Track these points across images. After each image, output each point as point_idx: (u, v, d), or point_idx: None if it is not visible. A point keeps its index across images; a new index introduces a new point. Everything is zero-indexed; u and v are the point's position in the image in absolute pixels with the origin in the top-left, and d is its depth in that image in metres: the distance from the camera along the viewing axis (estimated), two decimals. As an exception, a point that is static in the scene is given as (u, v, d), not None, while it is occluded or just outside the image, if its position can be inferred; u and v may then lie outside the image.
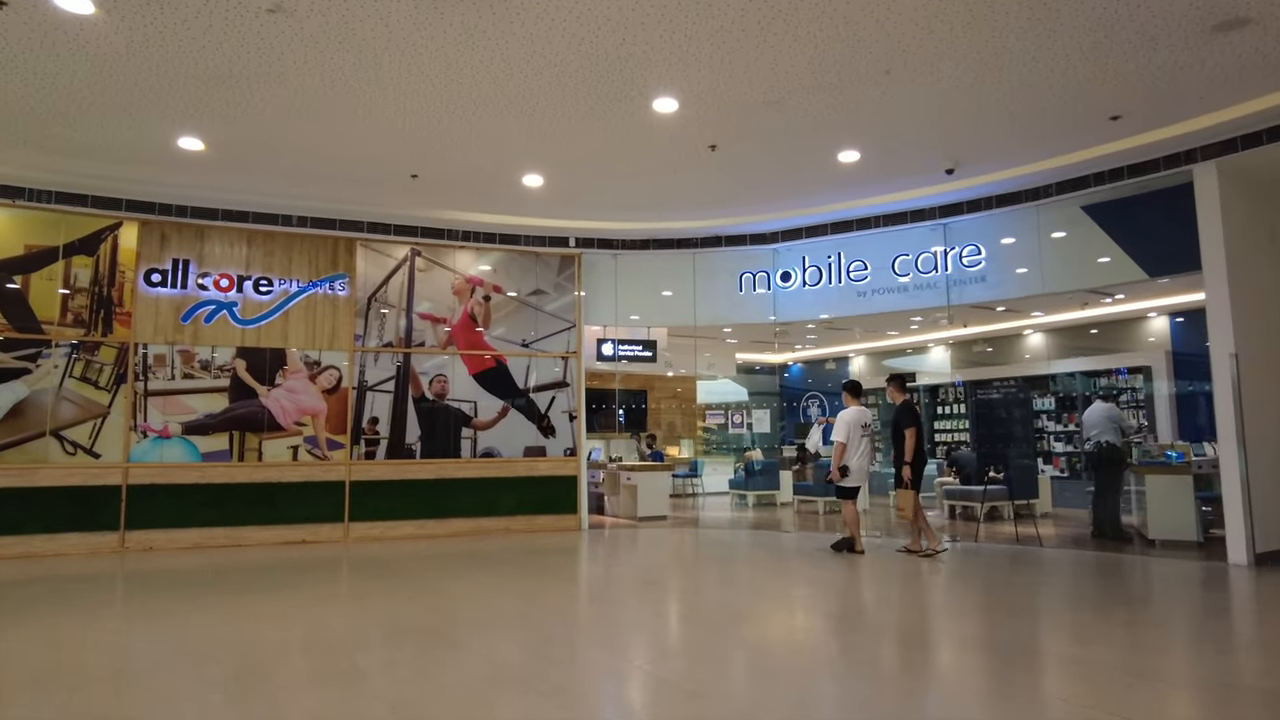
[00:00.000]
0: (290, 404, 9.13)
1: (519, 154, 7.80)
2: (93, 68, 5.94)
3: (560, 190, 8.87)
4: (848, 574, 7.18)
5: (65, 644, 4.76)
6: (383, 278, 9.70)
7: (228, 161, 7.87)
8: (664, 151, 7.73)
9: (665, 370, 17.21)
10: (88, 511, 8.23)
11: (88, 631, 5.11)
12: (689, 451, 17.56)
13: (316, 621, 5.46)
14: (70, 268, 8.42)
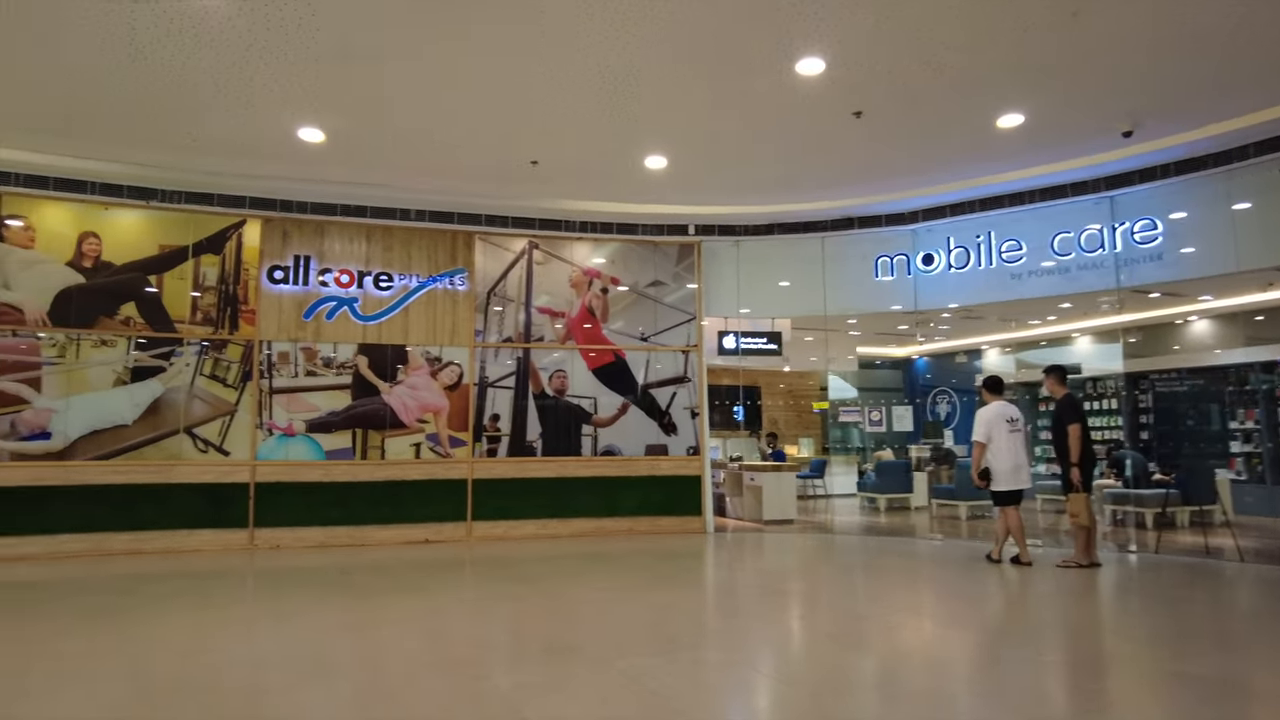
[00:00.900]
0: (412, 401, 8.96)
1: (644, 132, 7.31)
2: (216, 57, 5.80)
3: (683, 172, 8.33)
4: (1011, 589, 6.34)
5: (198, 649, 4.56)
6: (501, 271, 9.43)
7: (347, 153, 7.72)
8: (801, 121, 7.07)
9: (783, 365, 16.47)
10: (219, 508, 8.26)
11: (222, 633, 4.91)
12: (809, 451, 16.74)
13: (445, 631, 5.11)
14: (199, 266, 8.49)
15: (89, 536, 7.83)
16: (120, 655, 4.42)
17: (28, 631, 4.98)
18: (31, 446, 7.73)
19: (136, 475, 8.04)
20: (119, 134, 7.25)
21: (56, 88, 6.33)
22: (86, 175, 7.97)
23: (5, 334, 7.78)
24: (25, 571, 6.99)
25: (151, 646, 4.59)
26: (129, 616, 5.35)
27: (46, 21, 5.34)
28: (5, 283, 7.82)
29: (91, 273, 8.13)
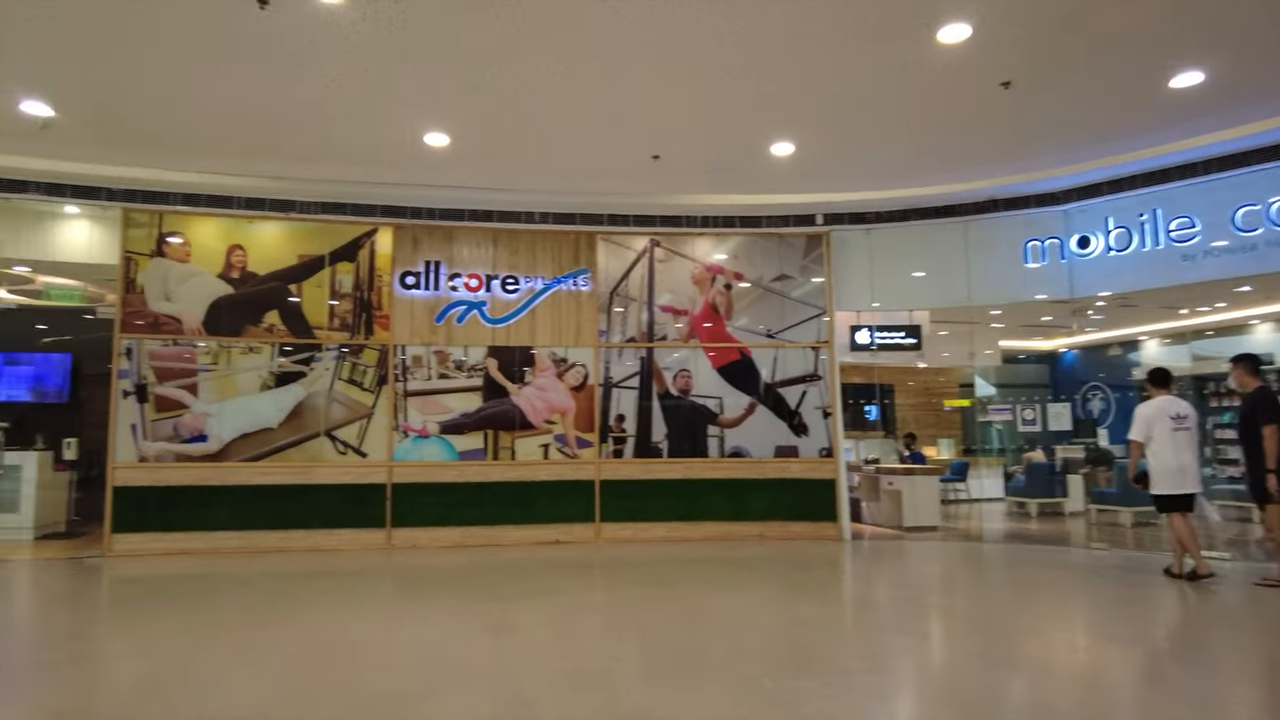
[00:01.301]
0: (540, 402, 8.97)
1: (769, 117, 6.98)
2: (344, 64, 5.92)
3: (810, 158, 7.93)
4: (1191, 607, 5.60)
5: (343, 650, 4.60)
6: (623, 271, 9.31)
7: (471, 157, 7.78)
8: (942, 95, 6.55)
9: (915, 361, 15.62)
10: (358, 508, 8.52)
11: (365, 635, 4.96)
12: (949, 452, 15.80)
13: (581, 638, 4.96)
14: (335, 274, 8.80)
15: (242, 534, 8.23)
16: (272, 653, 4.51)
17: (195, 623, 5.19)
18: (191, 448, 8.21)
19: (282, 476, 8.40)
20: (260, 150, 7.58)
21: (204, 110, 6.65)
22: (233, 191, 8.40)
23: (167, 343, 8.30)
24: (190, 565, 7.40)
25: (301, 646, 4.67)
26: (281, 614, 5.50)
27: (194, 50, 5.58)
28: (166, 295, 8.35)
29: (238, 283, 8.56)
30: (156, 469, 8.13)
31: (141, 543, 8.03)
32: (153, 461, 8.12)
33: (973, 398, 16.60)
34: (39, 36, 5.50)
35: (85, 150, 7.52)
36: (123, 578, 7.02)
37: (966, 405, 17.03)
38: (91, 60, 5.86)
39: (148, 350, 8.24)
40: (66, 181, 8.03)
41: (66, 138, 7.21)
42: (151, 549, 8.02)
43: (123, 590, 6.58)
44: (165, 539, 8.07)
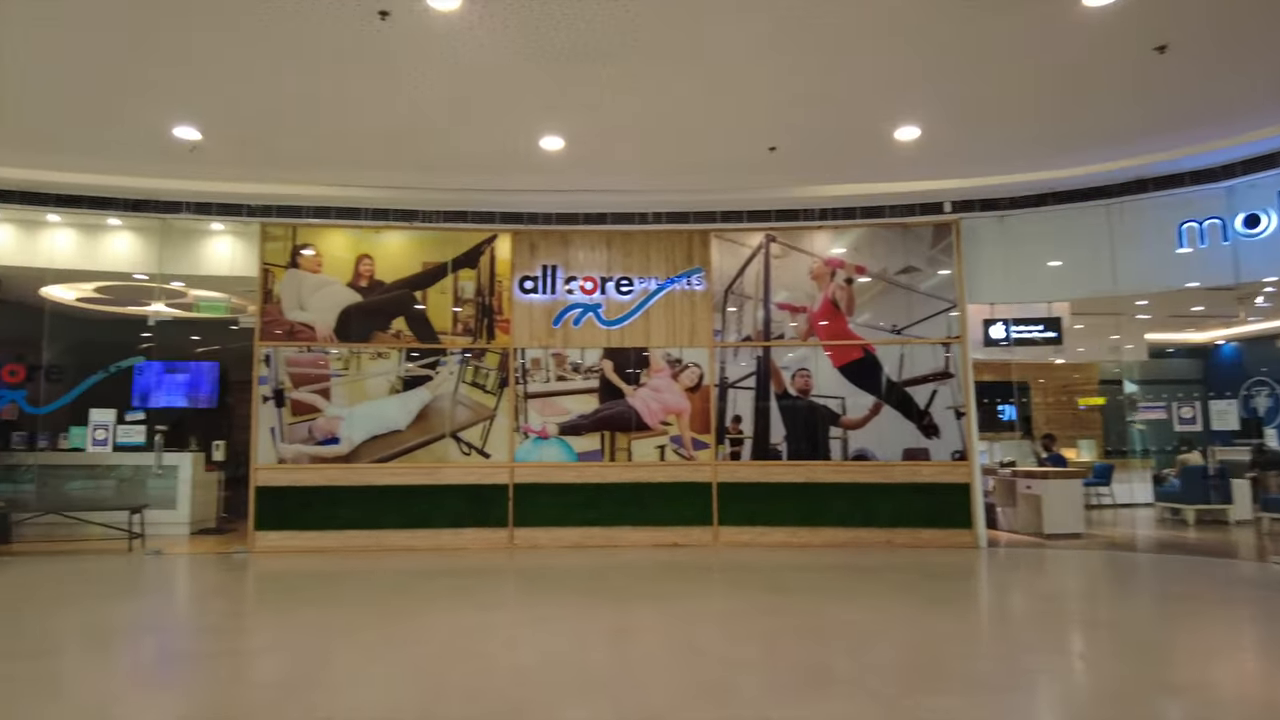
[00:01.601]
0: (655, 403, 8.89)
1: (893, 98, 6.64)
2: (461, 72, 6.01)
3: (938, 141, 7.50)
4: None
5: (469, 652, 4.62)
6: (738, 268, 9.11)
7: (585, 159, 7.78)
8: (1086, 64, 6.04)
9: (1051, 356, 14.64)
10: (482, 508, 8.68)
11: (489, 636, 4.98)
12: (1089, 453, 14.73)
13: (705, 647, 4.81)
14: (458, 281, 9.00)
15: (371, 533, 8.54)
16: (401, 652, 4.58)
17: (330, 620, 5.37)
18: (325, 450, 8.58)
19: (409, 477, 8.66)
20: (384, 162, 7.85)
21: (332, 126, 6.93)
22: (360, 203, 8.74)
23: (301, 350, 8.72)
24: (324, 562, 7.72)
25: (428, 646, 4.73)
26: (409, 612, 5.62)
27: (323, 69, 5.80)
28: (300, 304, 8.77)
29: (367, 291, 8.90)
30: (293, 470, 8.54)
31: (281, 540, 8.45)
32: (290, 463, 8.54)
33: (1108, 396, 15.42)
34: (188, 67, 5.85)
35: (228, 170, 7.99)
36: (265, 573, 7.39)
37: (1101, 403, 15.84)
38: (233, 86, 6.18)
39: (284, 357, 8.68)
40: (212, 200, 8.56)
41: (211, 159, 7.67)
42: (290, 546, 8.43)
43: (266, 585, 6.92)
44: (301, 536, 8.46)
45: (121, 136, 7.17)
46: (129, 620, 5.65)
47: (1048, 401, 16.67)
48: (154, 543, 8.84)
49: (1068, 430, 16.24)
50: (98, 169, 7.92)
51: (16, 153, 7.54)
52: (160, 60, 5.80)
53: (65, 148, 7.44)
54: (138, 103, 6.49)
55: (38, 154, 7.58)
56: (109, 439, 8.87)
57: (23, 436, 9.71)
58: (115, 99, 6.43)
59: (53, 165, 7.84)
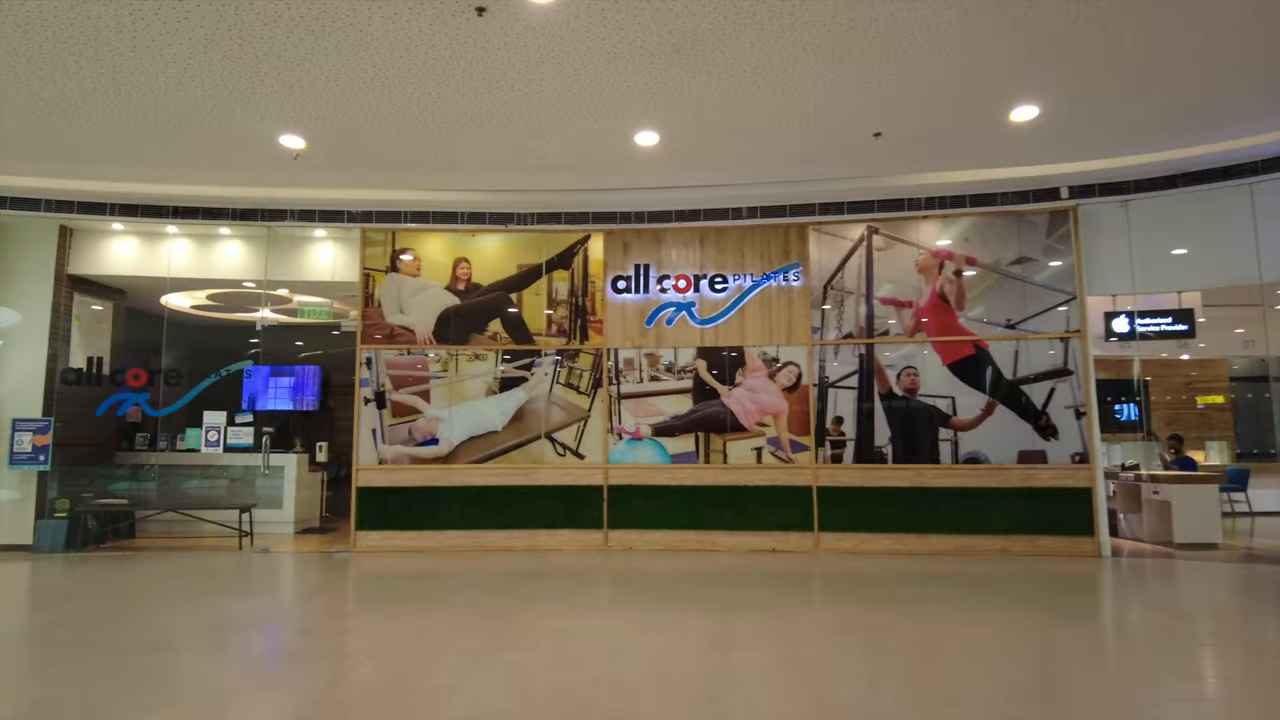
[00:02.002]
0: (751, 404, 8.64)
1: (1011, 73, 6.20)
2: (557, 67, 5.93)
3: (1057, 120, 7.00)
4: None
5: (569, 660, 4.50)
6: (838, 262, 8.76)
7: (680, 153, 7.61)
8: (1235, 19, 5.49)
9: (1180, 351, 13.64)
10: (576, 509, 8.61)
11: (588, 643, 4.85)
12: (1218, 456, 13.64)
13: (816, 663, 4.55)
14: (551, 282, 8.98)
15: (469, 533, 8.58)
16: (500, 657, 4.50)
17: (430, 622, 5.36)
18: (425, 451, 8.68)
19: (506, 478, 8.67)
20: (479, 164, 7.87)
21: (429, 130, 6.97)
22: (456, 207, 8.81)
23: (401, 353, 8.85)
24: (423, 562, 7.78)
25: (527, 652, 4.64)
26: (506, 615, 5.55)
27: (420, 72, 5.83)
28: (400, 308, 8.90)
29: (464, 294, 8.96)
30: (393, 470, 8.67)
31: (382, 539, 8.59)
32: (390, 464, 8.67)
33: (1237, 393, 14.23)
34: (293, 74, 5.97)
35: (329, 176, 8.18)
36: (366, 573, 7.50)
37: (1220, 401, 14.66)
38: (334, 90, 6.28)
39: (385, 360, 8.83)
40: (315, 207, 8.78)
41: (314, 165, 7.86)
42: (390, 545, 8.55)
43: (367, 585, 7.00)
44: (401, 536, 8.58)
45: (232, 147, 7.41)
46: (239, 618, 5.78)
47: (1166, 400, 15.56)
48: (262, 541, 9.14)
49: (1191, 431, 15.12)
50: (210, 180, 8.24)
51: (142, 168, 7.91)
52: (268, 69, 5.94)
53: (183, 161, 7.75)
54: (246, 113, 6.68)
55: (159, 168, 7.92)
56: (220, 440, 9.23)
57: (145, 437, 10.23)
58: (226, 110, 6.63)
59: (172, 178, 8.19)
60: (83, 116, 6.73)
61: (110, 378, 9.20)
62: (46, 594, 6.65)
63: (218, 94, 6.33)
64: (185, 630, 5.21)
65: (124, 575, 7.21)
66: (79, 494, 9.06)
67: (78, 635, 4.95)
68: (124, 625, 5.23)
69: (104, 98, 6.40)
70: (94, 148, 7.40)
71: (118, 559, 8.10)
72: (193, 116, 6.71)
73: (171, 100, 6.43)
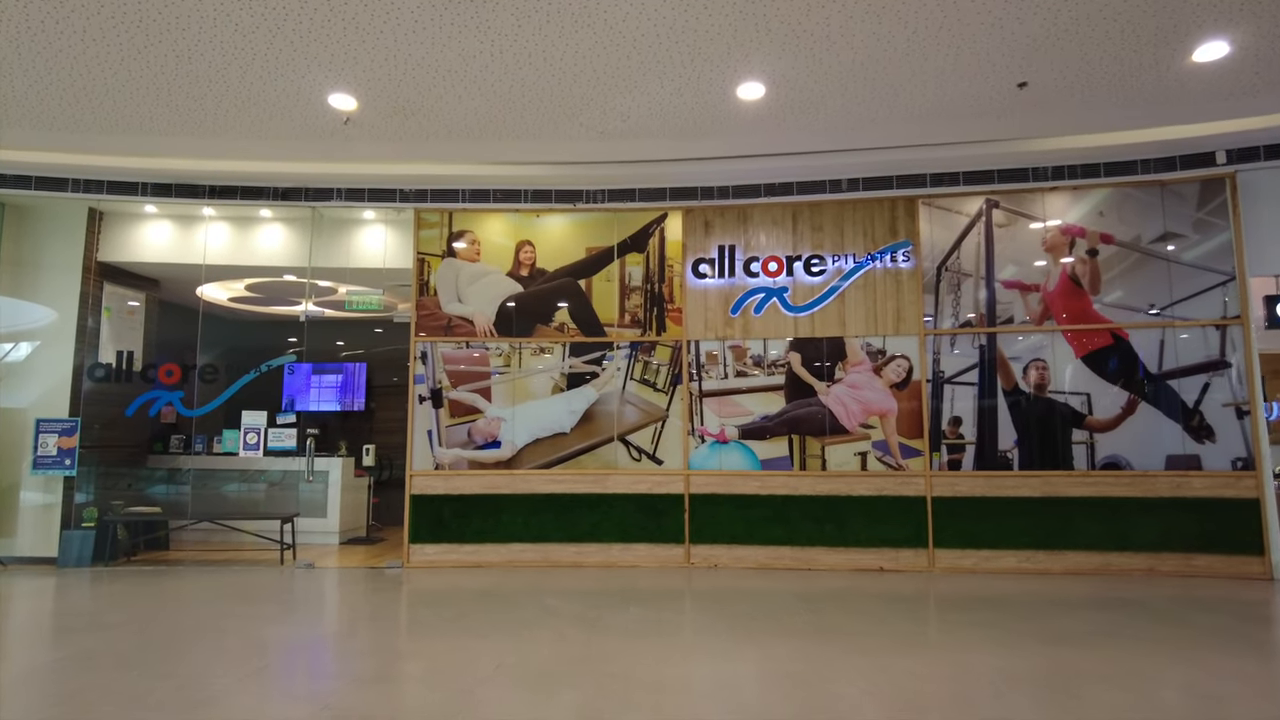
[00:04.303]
0: (854, 402, 7.61)
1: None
2: (641, 7, 4.99)
3: (1244, 59, 5.91)
4: None
5: (660, 701, 3.53)
6: (953, 241, 7.71)
7: (787, 110, 6.64)
8: None
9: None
10: (654, 521, 7.64)
11: (680, 677, 3.87)
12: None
13: (970, 713, 3.52)
14: (624, 267, 8.03)
15: (535, 547, 7.66)
16: (583, 699, 3.54)
17: (501, 653, 4.41)
18: (485, 455, 7.77)
19: (575, 485, 7.73)
20: (549, 128, 6.96)
21: (490, 89, 6.07)
22: (520, 183, 7.91)
23: (459, 346, 7.95)
24: (486, 579, 6.84)
25: (619, 692, 3.67)
26: (606, 659, 4.59)
27: (480, 9, 4.93)
28: (458, 296, 8.01)
29: (527, 281, 8.06)
30: (451, 476, 7.77)
31: (438, 553, 7.69)
32: (448, 469, 7.77)
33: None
34: (344, 19, 5.10)
35: (382, 147, 7.31)
36: (423, 592, 6.60)
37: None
38: (390, 39, 5.40)
39: (441, 353, 7.94)
40: (364, 185, 7.93)
41: (365, 134, 7.01)
42: (447, 560, 7.66)
43: (431, 611, 6.07)
44: (460, 550, 7.67)
45: (275, 109, 6.58)
46: (285, 645, 4.89)
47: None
48: (304, 553, 8.29)
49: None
50: (250, 154, 7.40)
51: (175, 139, 7.11)
52: (316, 14, 5.07)
53: (219, 128, 6.93)
54: (291, 63, 5.83)
55: (193, 138, 7.12)
56: (260, 443, 8.40)
57: (180, 440, 9.46)
58: (268, 61, 5.78)
59: (208, 152, 7.37)
60: (109, 72, 5.92)
61: (141, 374, 8.42)
62: (71, 619, 5.81)
63: (258, 40, 5.48)
64: (229, 659, 4.31)
65: (156, 597, 6.37)
66: (108, 501, 8.27)
67: (104, 676, 4.07)
68: (157, 665, 4.35)
69: (132, 48, 5.57)
70: (121, 110, 6.60)
71: (149, 575, 7.28)
72: (231, 69, 5.86)
73: (207, 48, 5.59)
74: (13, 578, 7.15)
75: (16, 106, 6.51)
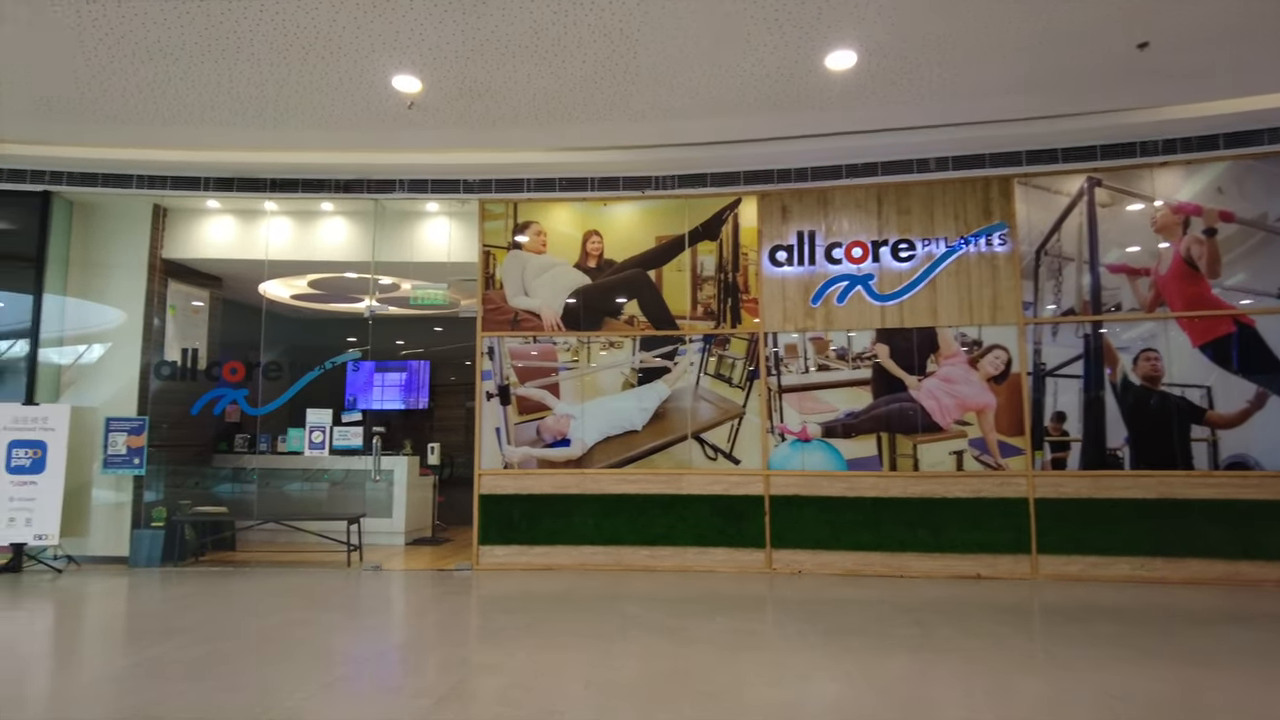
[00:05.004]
0: (948, 397, 7.10)
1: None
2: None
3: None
4: None
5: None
6: (1052, 222, 7.14)
7: (880, 79, 6.18)
8: None
9: None
10: (732, 524, 7.24)
11: (771, 697, 3.48)
12: None
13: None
14: (696, 256, 7.65)
15: (607, 549, 7.32)
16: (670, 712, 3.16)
17: (592, 668, 4.06)
18: (555, 453, 7.47)
19: (647, 485, 7.37)
20: (613, 110, 6.62)
21: (561, 58, 5.74)
22: (586, 170, 7.59)
23: (526, 340, 7.66)
24: (558, 583, 6.53)
25: (736, 708, 3.29)
26: (702, 673, 4.22)
27: None
28: (525, 289, 7.72)
29: (595, 272, 7.73)
30: (520, 476, 7.48)
31: (507, 555, 7.41)
32: (517, 467, 7.48)
33: None
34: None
35: (446, 134, 7.06)
36: (499, 597, 6.30)
37: None
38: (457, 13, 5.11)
39: (508, 348, 7.66)
40: (428, 176, 7.69)
41: (429, 119, 6.75)
42: (517, 562, 7.37)
43: (506, 618, 5.76)
44: (530, 552, 7.38)
45: (337, 96, 6.36)
46: (357, 657, 4.62)
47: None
48: (370, 554, 8.09)
49: None
50: (312, 144, 7.22)
51: (236, 129, 6.95)
52: None
53: (281, 116, 6.74)
54: (355, 43, 5.58)
55: (258, 130, 6.95)
56: (325, 441, 8.22)
57: (244, 439, 9.37)
58: (331, 40, 5.55)
59: (269, 143, 7.20)
60: (170, 59, 5.76)
61: (206, 372, 8.31)
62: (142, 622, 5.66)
63: (320, 17, 5.24)
64: (304, 690, 4.05)
65: (225, 601, 6.19)
66: (176, 501, 8.19)
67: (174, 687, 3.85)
68: (228, 675, 4.11)
69: (193, 30, 5.39)
70: (184, 99, 6.45)
71: (217, 576, 7.14)
72: (292, 50, 5.64)
73: (268, 28, 5.37)
74: (87, 577, 7.08)
75: (83, 99, 6.41)
